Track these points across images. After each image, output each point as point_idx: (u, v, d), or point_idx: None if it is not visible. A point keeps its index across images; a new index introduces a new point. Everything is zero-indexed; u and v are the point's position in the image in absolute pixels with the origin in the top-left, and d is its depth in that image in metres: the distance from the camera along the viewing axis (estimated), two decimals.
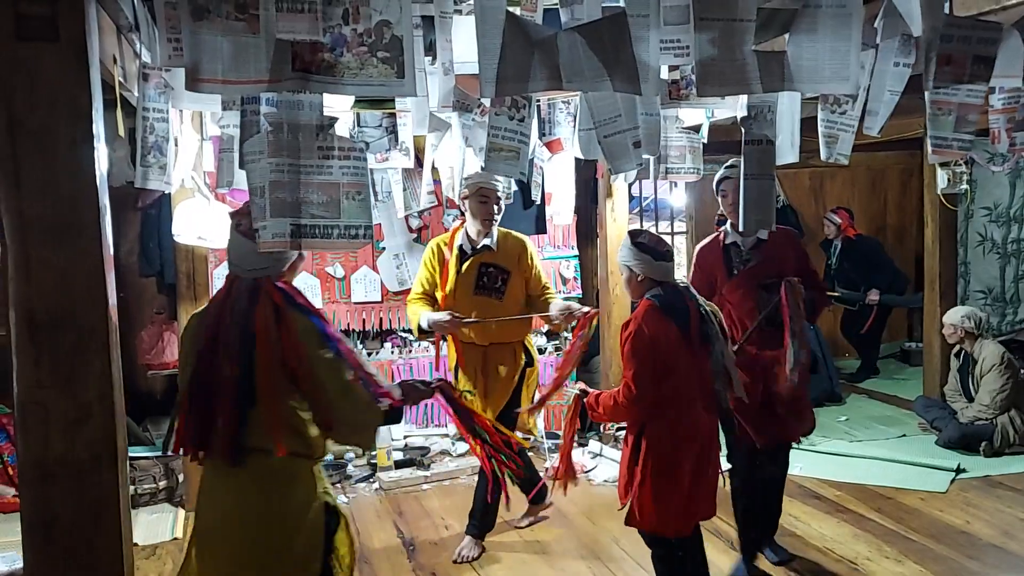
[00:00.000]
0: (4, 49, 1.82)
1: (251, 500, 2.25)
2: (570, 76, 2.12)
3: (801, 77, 2.15)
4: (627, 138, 2.52)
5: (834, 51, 2.11)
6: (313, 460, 2.37)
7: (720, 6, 2.10)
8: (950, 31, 2.34)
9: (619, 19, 2.14)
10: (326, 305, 5.43)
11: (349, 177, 2.09)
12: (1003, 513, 4.36)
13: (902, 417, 6.17)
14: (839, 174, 7.94)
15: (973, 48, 2.37)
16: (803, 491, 4.75)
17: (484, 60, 2.06)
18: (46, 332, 1.87)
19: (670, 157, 3.53)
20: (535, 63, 2.09)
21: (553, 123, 4.16)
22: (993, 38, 2.40)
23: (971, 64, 2.39)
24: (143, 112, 2.82)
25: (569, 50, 2.11)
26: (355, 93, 2.03)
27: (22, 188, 1.84)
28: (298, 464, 2.30)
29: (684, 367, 2.90)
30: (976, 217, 6.75)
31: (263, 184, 2.04)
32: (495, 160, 2.56)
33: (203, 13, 1.86)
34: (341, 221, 2.09)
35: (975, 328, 5.36)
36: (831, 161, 2.89)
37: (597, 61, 2.11)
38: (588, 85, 2.15)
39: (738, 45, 2.11)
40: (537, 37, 2.11)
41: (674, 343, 2.89)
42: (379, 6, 1.96)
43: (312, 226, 2.07)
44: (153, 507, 4.64)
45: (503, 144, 2.54)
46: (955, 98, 2.47)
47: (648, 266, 2.98)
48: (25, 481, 1.91)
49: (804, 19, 2.11)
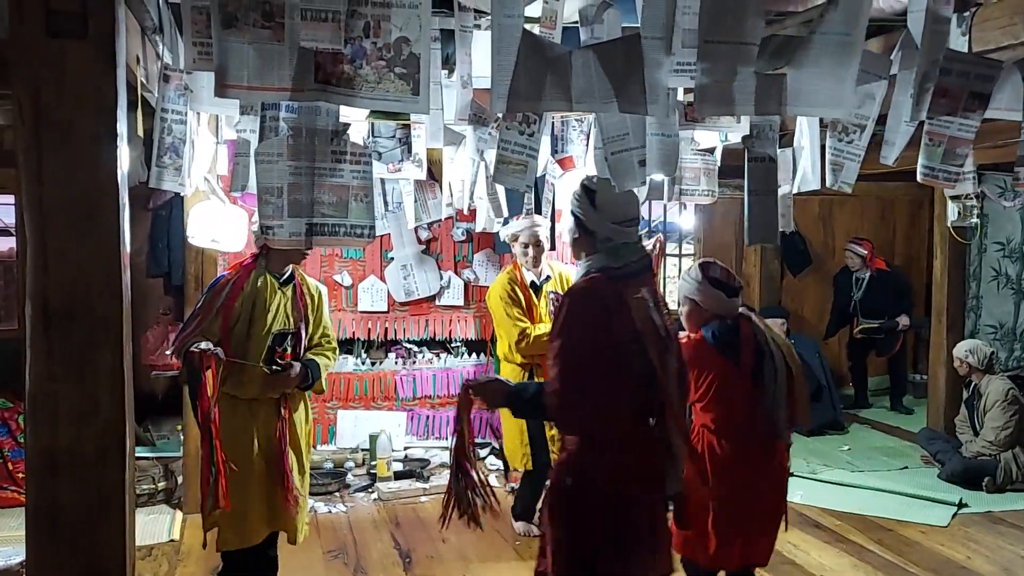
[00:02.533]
0: (34, 44, 1.85)
1: None
2: (580, 97, 2.16)
3: (798, 100, 2.17)
4: (633, 156, 2.55)
5: (832, 76, 2.13)
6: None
7: (727, 30, 2.12)
8: (950, 65, 2.38)
9: (633, 40, 2.17)
10: (332, 313, 5.44)
11: (359, 180, 2.21)
12: (1004, 550, 4.33)
13: (905, 449, 6.15)
14: (848, 203, 7.95)
15: (970, 84, 2.42)
16: (803, 519, 4.73)
17: (497, 76, 2.10)
18: (60, 324, 1.89)
19: (685, 179, 3.55)
20: (547, 82, 2.13)
21: (566, 140, 4.18)
22: (991, 75, 2.44)
23: (966, 99, 2.43)
24: (161, 113, 2.85)
25: (582, 69, 2.14)
26: (371, 107, 2.10)
27: (44, 180, 1.86)
28: None
29: (732, 399, 2.82)
30: (989, 252, 6.74)
31: (280, 185, 2.11)
32: (503, 172, 2.59)
33: (232, 21, 1.93)
34: (348, 221, 2.22)
35: (979, 363, 5.35)
36: (836, 188, 2.91)
37: (608, 82, 2.14)
38: (597, 106, 2.19)
39: (740, 67, 2.13)
40: (551, 55, 2.14)
41: (719, 373, 2.81)
42: (399, 22, 2.03)
43: (322, 225, 2.20)
44: (151, 508, 4.63)
45: (512, 158, 2.57)
46: (947, 131, 2.52)
47: (718, 302, 2.88)
48: (32, 472, 1.92)
49: (807, 45, 2.13)
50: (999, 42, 2.67)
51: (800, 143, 3.34)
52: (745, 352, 2.84)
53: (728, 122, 3.13)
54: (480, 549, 4.20)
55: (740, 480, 2.85)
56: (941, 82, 2.36)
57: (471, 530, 2.43)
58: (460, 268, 5.76)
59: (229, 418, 3.16)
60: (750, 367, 2.83)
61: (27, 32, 1.84)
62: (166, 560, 4.03)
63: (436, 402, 5.73)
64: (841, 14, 2.08)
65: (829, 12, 2.09)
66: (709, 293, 2.87)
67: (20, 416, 4.82)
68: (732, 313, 2.89)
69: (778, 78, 2.17)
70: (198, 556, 4.05)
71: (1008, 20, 2.62)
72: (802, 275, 7.81)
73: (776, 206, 2.72)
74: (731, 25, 2.12)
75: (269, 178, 2.15)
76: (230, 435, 3.13)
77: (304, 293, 3.39)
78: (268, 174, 2.16)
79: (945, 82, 2.38)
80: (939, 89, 2.37)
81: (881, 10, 2.91)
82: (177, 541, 4.25)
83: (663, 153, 2.71)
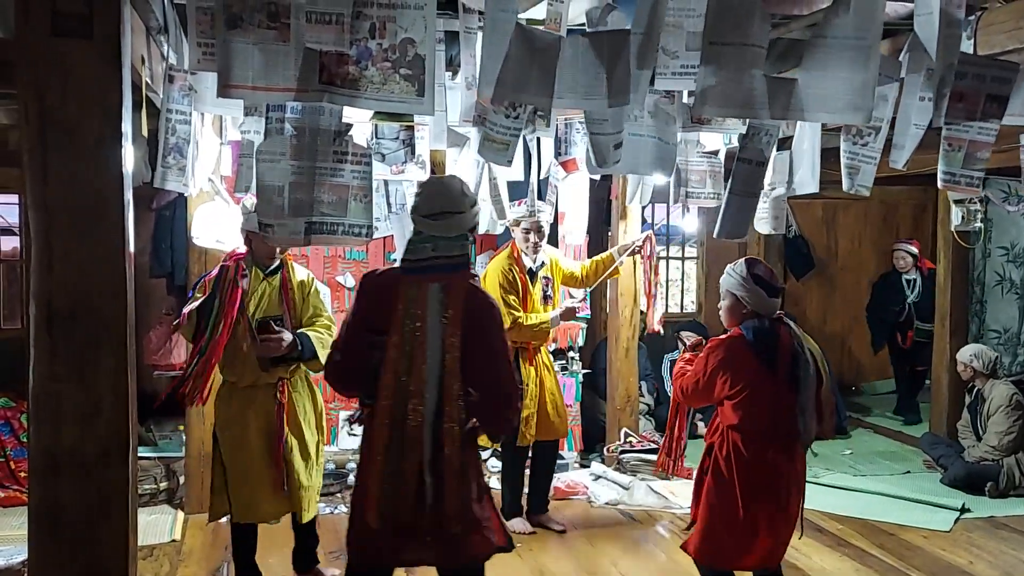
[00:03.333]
0: (39, 44, 1.85)
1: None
2: (562, 92, 2.20)
3: (811, 106, 2.16)
4: (610, 140, 2.64)
5: (850, 82, 2.12)
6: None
7: (733, 31, 2.12)
8: (965, 69, 2.36)
9: (622, 34, 2.20)
10: (335, 314, 5.43)
11: (359, 181, 2.24)
12: (1007, 555, 4.31)
13: (907, 453, 6.13)
14: (852, 206, 7.94)
15: (987, 87, 2.40)
16: (805, 523, 4.68)
17: (487, 63, 2.13)
18: (64, 324, 1.89)
19: (690, 181, 3.53)
20: (533, 76, 2.16)
21: (569, 143, 4.18)
22: (1007, 78, 2.43)
23: (984, 102, 2.41)
24: (166, 113, 2.85)
25: (571, 59, 2.16)
26: (376, 108, 2.12)
27: (48, 180, 1.87)
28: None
29: (763, 402, 2.83)
30: (993, 256, 6.73)
31: (282, 184, 2.14)
32: (487, 149, 2.63)
33: (237, 21, 1.95)
34: (346, 220, 2.25)
35: (984, 368, 5.34)
36: (852, 192, 2.89)
37: (592, 74, 2.17)
38: (580, 101, 2.21)
39: (746, 70, 2.12)
40: (541, 44, 2.16)
41: (753, 376, 2.82)
42: (405, 24, 2.04)
43: (320, 223, 2.23)
44: (152, 508, 4.62)
45: (497, 136, 2.60)
46: (966, 135, 2.50)
47: (759, 300, 2.88)
48: (35, 472, 1.93)
49: (818, 49, 2.13)
50: (1004, 46, 2.66)
51: (800, 146, 3.33)
52: (782, 356, 2.84)
53: (735, 124, 3.13)
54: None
55: (762, 482, 2.86)
56: (957, 86, 2.34)
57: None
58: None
59: (227, 404, 3.40)
60: (785, 372, 2.83)
61: (32, 33, 1.85)
62: (168, 560, 4.02)
63: None
64: (854, 19, 2.07)
65: (839, 17, 2.08)
66: (752, 290, 2.88)
67: (23, 415, 4.82)
68: (771, 313, 2.90)
69: (788, 82, 2.17)
70: (199, 556, 4.05)
71: (1014, 24, 2.62)
72: (805, 279, 7.80)
73: (753, 207, 2.77)
74: (736, 27, 2.12)
75: (271, 177, 2.16)
76: (227, 421, 3.39)
77: (289, 281, 3.49)
78: (270, 173, 2.17)
79: (961, 86, 2.36)
80: (955, 94, 2.35)
81: (887, 14, 2.91)
82: (179, 541, 4.24)
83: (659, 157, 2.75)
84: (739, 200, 2.70)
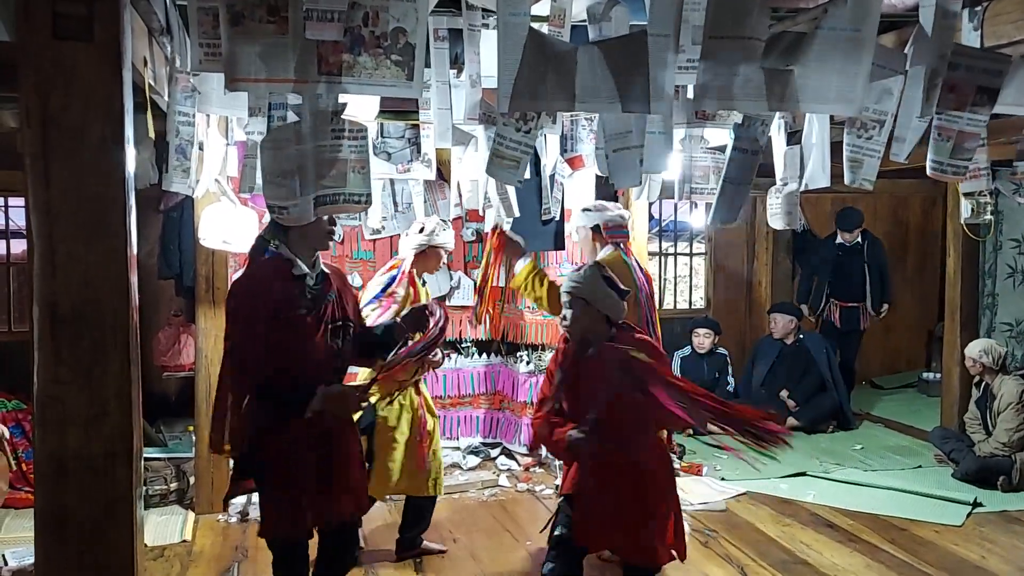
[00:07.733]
0: (41, 48, 1.85)
1: None
2: (584, 97, 2.18)
3: (806, 97, 2.15)
4: (635, 155, 2.58)
5: (843, 73, 2.12)
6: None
7: (733, 24, 2.11)
8: (958, 60, 2.36)
9: (639, 38, 2.17)
10: None
11: (356, 154, 2.33)
12: (1020, 549, 4.28)
13: (918, 448, 6.10)
14: (861, 200, 7.88)
15: (978, 78, 2.41)
16: (816, 519, 4.70)
17: (503, 75, 2.11)
18: (68, 328, 1.89)
19: (694, 177, 3.51)
20: (550, 82, 2.15)
21: (575, 140, 4.16)
22: (999, 70, 2.43)
23: (975, 93, 2.42)
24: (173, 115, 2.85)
25: (588, 67, 2.15)
26: (368, 92, 2.21)
27: (51, 183, 1.87)
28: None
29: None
30: (1005, 249, 6.68)
31: (291, 168, 2.22)
32: (496, 166, 2.60)
33: (239, 19, 2.02)
34: (346, 190, 2.34)
35: (993, 363, 5.30)
36: (855, 186, 2.87)
37: (612, 81, 2.16)
38: (601, 106, 2.20)
39: (745, 62, 2.12)
40: (557, 52, 2.15)
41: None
42: (397, 14, 2.14)
43: (323, 196, 2.32)
44: (163, 508, 4.64)
45: (506, 153, 2.57)
46: (956, 125, 2.51)
47: (615, 306, 2.97)
48: (41, 475, 1.93)
49: (816, 41, 2.12)
50: (1011, 36, 2.64)
51: (810, 140, 3.31)
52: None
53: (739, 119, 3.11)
54: (491, 549, 4.19)
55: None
56: (949, 77, 2.36)
57: (481, 531, 2.44)
58: (470, 268, 5.75)
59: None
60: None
61: (34, 35, 1.85)
62: (178, 561, 4.04)
63: (447, 402, 5.72)
64: (851, 10, 2.06)
65: (836, 7, 2.08)
66: (605, 292, 2.98)
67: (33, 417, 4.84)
68: (620, 318, 3.01)
69: (785, 74, 2.16)
70: (210, 557, 4.06)
71: (1020, 14, 2.60)
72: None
73: (746, 195, 2.79)
74: (736, 20, 2.11)
75: (282, 162, 2.23)
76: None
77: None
78: (281, 159, 2.23)
79: (953, 77, 2.37)
80: (947, 84, 2.37)
81: (893, 6, 2.89)
82: (189, 542, 4.26)
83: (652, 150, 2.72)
84: (733, 188, 2.73)
